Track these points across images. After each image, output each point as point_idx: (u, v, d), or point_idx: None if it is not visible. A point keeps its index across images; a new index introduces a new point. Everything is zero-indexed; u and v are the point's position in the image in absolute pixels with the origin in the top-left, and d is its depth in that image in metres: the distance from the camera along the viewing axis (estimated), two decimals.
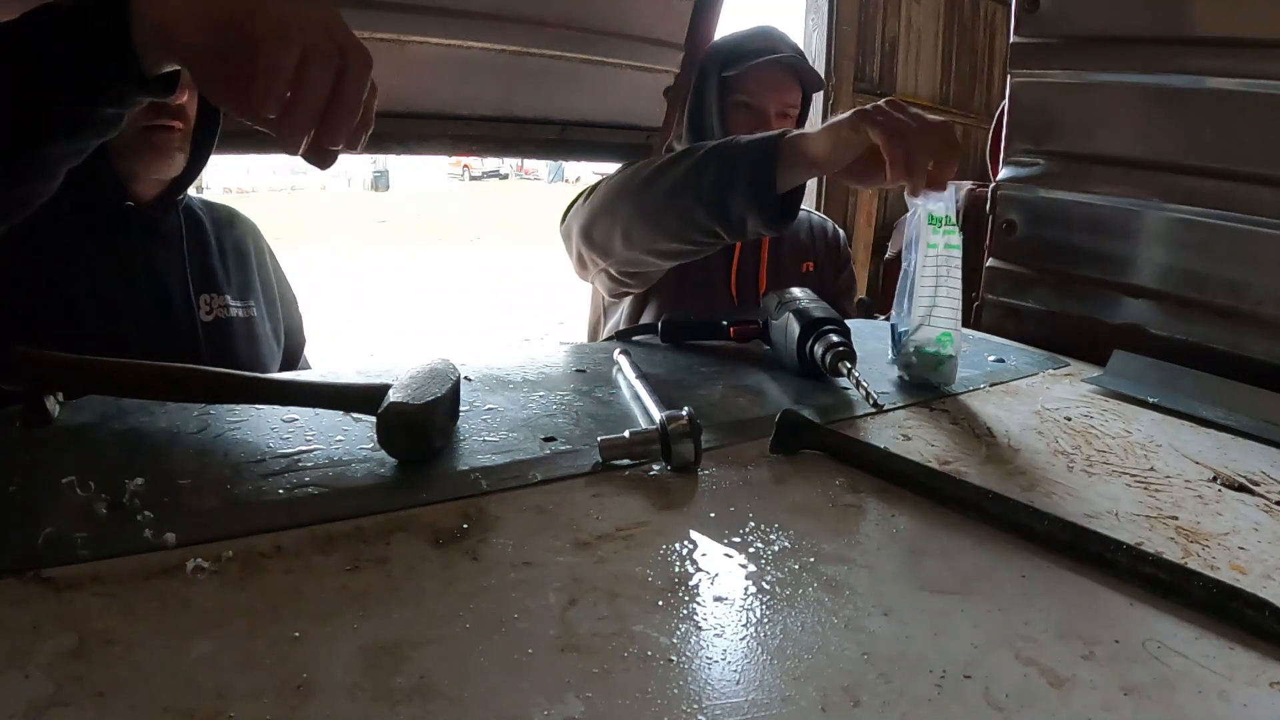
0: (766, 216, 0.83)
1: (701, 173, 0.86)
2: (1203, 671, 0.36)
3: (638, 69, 1.85)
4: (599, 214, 1.00)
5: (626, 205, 0.96)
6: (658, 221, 0.92)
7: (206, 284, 0.94)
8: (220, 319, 0.94)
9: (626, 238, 0.96)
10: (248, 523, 0.46)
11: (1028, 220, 1.03)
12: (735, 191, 0.83)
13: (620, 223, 0.97)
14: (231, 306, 0.96)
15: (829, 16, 3.34)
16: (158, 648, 0.35)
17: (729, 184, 0.83)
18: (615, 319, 1.27)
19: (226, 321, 0.95)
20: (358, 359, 1.01)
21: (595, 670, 0.35)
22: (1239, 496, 0.57)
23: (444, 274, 8.92)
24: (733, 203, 0.83)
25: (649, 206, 0.92)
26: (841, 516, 0.51)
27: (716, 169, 0.85)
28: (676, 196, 0.88)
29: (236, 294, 0.97)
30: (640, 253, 0.97)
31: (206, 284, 0.94)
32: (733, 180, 0.83)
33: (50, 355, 0.58)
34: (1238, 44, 0.82)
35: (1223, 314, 0.86)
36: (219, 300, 0.95)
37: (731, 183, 0.83)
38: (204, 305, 0.93)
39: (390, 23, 1.53)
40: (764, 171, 0.81)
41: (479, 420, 0.64)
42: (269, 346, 1.01)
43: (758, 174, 0.81)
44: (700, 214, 0.86)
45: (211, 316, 0.93)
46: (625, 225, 0.96)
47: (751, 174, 0.82)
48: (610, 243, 0.99)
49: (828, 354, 0.72)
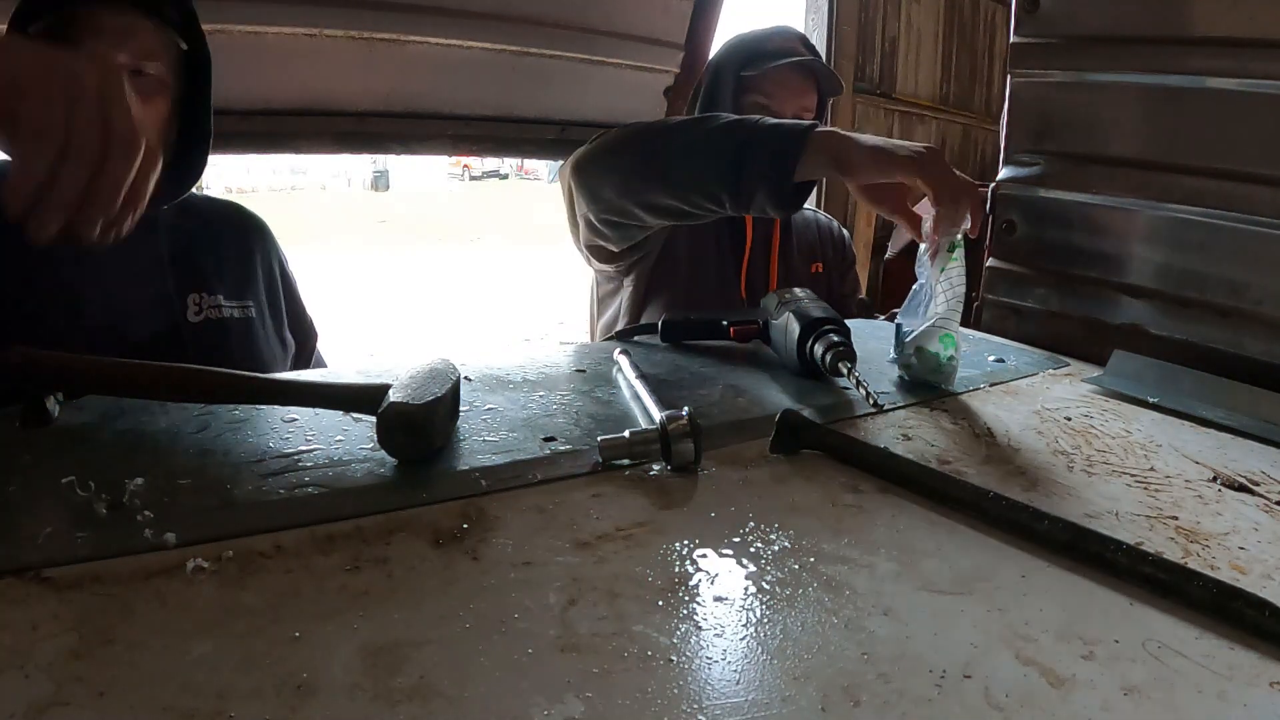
0: (777, 199, 0.83)
1: (725, 138, 0.85)
2: (1203, 671, 0.36)
3: (638, 69, 1.85)
4: (602, 152, 0.97)
5: (634, 150, 0.95)
6: (665, 173, 0.90)
7: (196, 283, 0.92)
8: (211, 319, 0.91)
9: (624, 183, 0.94)
10: (248, 523, 0.46)
11: (1028, 220, 1.03)
12: (754, 165, 0.82)
13: (622, 166, 0.95)
14: (225, 306, 0.93)
15: (829, 16, 3.33)
16: (158, 648, 0.35)
17: (750, 156, 0.82)
18: (614, 309, 1.26)
19: (219, 322, 0.92)
20: (358, 359, 1.01)
21: (595, 670, 0.35)
22: (1239, 496, 0.57)
23: (444, 274, 8.93)
24: (747, 175, 0.83)
25: (660, 157, 0.91)
26: (841, 516, 0.51)
27: (741, 139, 0.84)
28: (692, 154, 0.87)
29: (232, 293, 0.95)
30: (631, 203, 0.94)
31: (196, 283, 0.92)
32: (755, 154, 0.82)
33: (51, 355, 0.58)
34: (1238, 44, 0.82)
35: (1223, 314, 0.86)
36: (210, 300, 0.92)
37: (753, 156, 0.82)
38: (192, 305, 0.90)
39: (390, 23, 1.53)
40: (789, 156, 0.81)
41: (479, 420, 0.64)
42: (270, 347, 0.99)
43: (782, 156, 0.81)
44: (711, 177, 0.85)
45: (201, 317, 0.91)
46: (627, 170, 0.94)
47: (775, 154, 0.81)
48: (603, 184, 0.97)
49: (828, 354, 0.73)
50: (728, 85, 1.23)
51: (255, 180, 16.45)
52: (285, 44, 1.46)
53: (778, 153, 0.81)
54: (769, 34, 1.27)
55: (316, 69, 1.52)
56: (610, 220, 1.00)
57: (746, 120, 0.86)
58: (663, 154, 0.91)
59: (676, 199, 0.90)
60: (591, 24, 1.72)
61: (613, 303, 1.26)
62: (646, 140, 0.94)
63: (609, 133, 0.99)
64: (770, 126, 0.84)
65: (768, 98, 1.22)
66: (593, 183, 0.98)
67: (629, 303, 1.23)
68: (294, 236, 9.50)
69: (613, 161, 0.96)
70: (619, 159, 0.95)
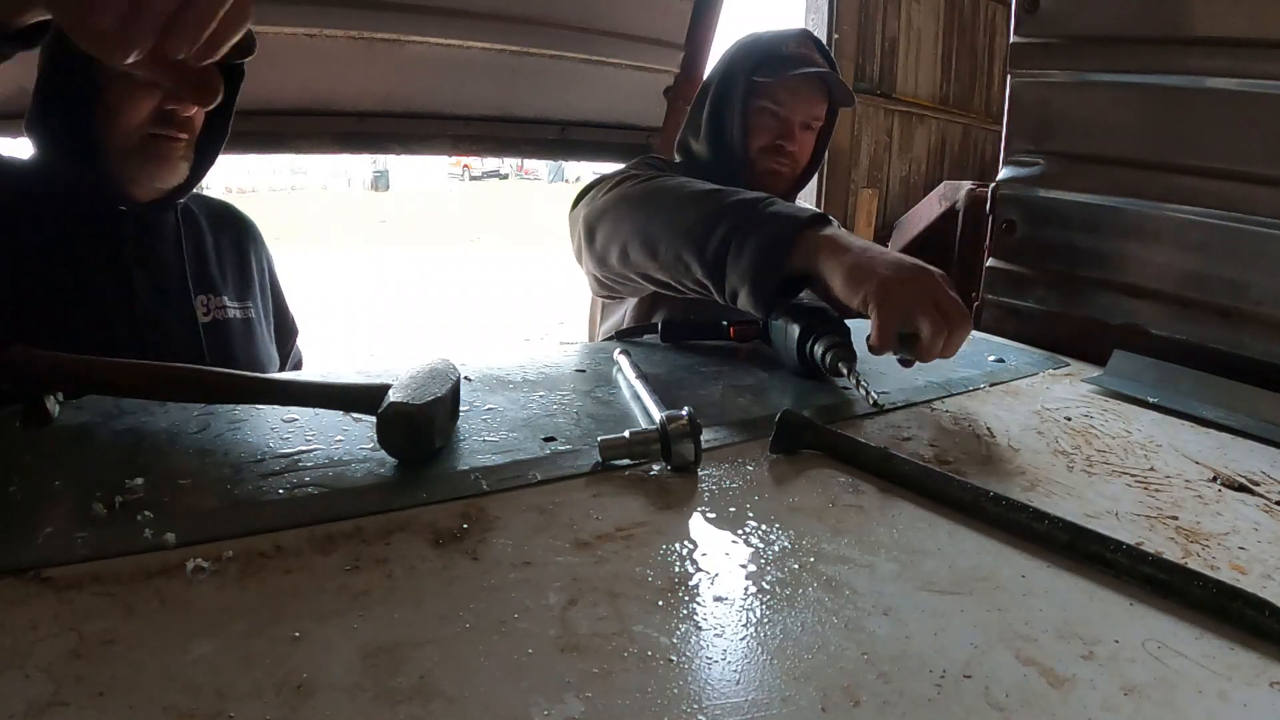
0: (758, 299, 0.78)
1: (712, 228, 0.81)
2: (1203, 671, 0.36)
3: (638, 69, 1.85)
4: (602, 219, 0.97)
5: (630, 224, 0.93)
6: (654, 254, 0.88)
7: (204, 285, 0.93)
8: (218, 320, 0.93)
9: (624, 255, 0.94)
10: (248, 523, 0.46)
11: (1028, 220, 1.03)
12: (738, 262, 0.78)
13: (620, 238, 0.94)
14: (229, 307, 0.94)
15: (829, 16, 3.34)
16: (158, 648, 0.35)
17: (735, 251, 0.79)
18: (618, 315, 1.26)
19: (225, 323, 0.93)
20: (358, 359, 1.00)
21: (595, 670, 0.35)
22: (1239, 496, 0.57)
23: (444, 274, 8.93)
24: (732, 272, 0.80)
25: (652, 236, 0.89)
26: (841, 516, 0.51)
27: (727, 229, 0.80)
28: (680, 239, 0.85)
29: (235, 295, 0.96)
30: (633, 273, 0.94)
31: (204, 285, 0.93)
32: (740, 250, 0.78)
33: (50, 355, 0.58)
34: (1237, 44, 0.82)
35: (1223, 314, 0.86)
36: (216, 301, 0.93)
37: (738, 251, 0.78)
38: (201, 307, 0.91)
39: (390, 23, 1.54)
40: (774, 255, 0.77)
41: (479, 420, 0.64)
42: (266, 347, 1.00)
43: (767, 255, 0.77)
44: (696, 268, 0.83)
45: (209, 318, 0.92)
46: (624, 243, 0.93)
47: (760, 252, 0.77)
48: (607, 253, 0.97)
49: (828, 354, 0.73)
50: (738, 87, 1.20)
51: (255, 180, 16.48)
52: (285, 44, 1.46)
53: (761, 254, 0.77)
54: (784, 37, 1.24)
55: (316, 69, 1.52)
56: (617, 281, 1.01)
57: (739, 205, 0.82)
58: (654, 233, 0.89)
59: (670, 278, 0.89)
60: (591, 24, 1.72)
61: (617, 311, 1.26)
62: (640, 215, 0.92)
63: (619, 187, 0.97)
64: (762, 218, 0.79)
65: (778, 104, 1.20)
66: (599, 248, 0.98)
67: (634, 312, 1.22)
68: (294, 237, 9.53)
69: (616, 230, 0.95)
70: (618, 229, 0.94)
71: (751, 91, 1.20)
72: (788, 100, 1.20)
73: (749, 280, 0.78)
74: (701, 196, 0.87)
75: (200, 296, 0.92)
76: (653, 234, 0.89)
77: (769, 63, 1.20)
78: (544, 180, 19.80)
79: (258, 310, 0.99)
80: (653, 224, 0.89)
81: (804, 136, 1.22)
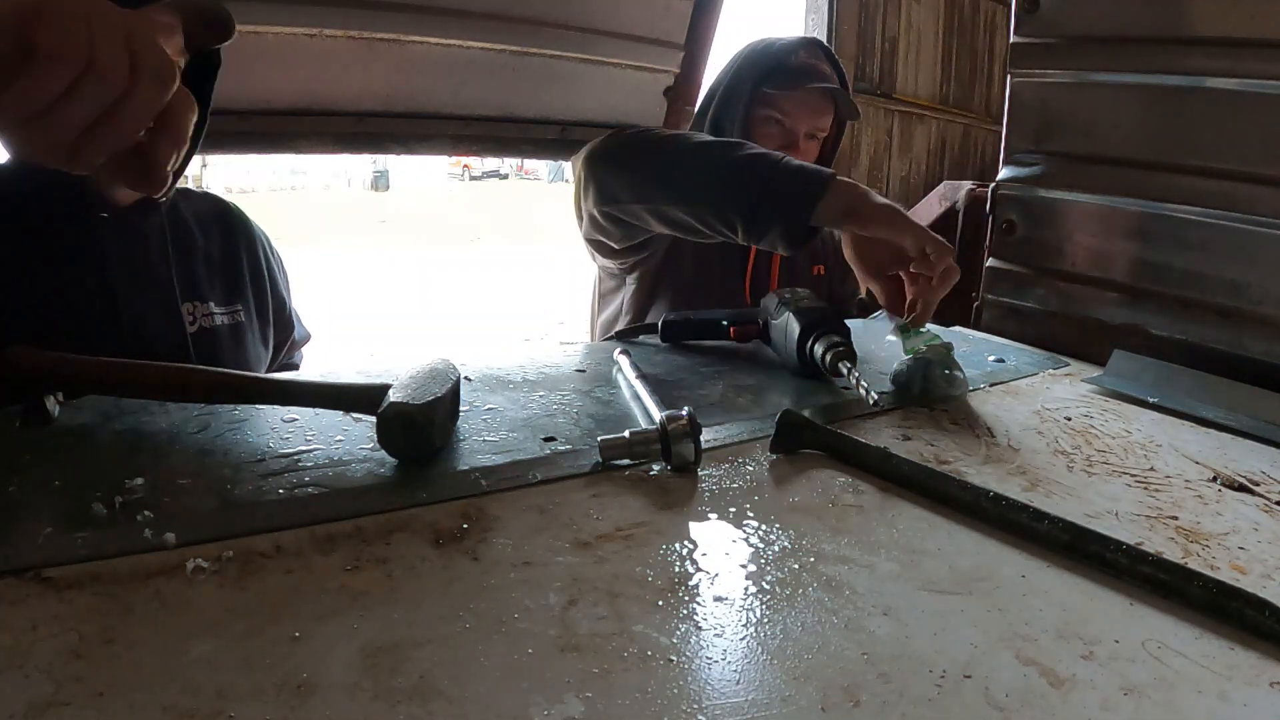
0: (788, 238, 0.84)
1: (750, 170, 0.86)
2: (1203, 671, 0.36)
3: (638, 69, 1.85)
4: (621, 149, 0.97)
5: (655, 156, 0.94)
6: (683, 188, 0.91)
7: (191, 292, 0.89)
8: (204, 329, 0.89)
9: (638, 186, 0.94)
10: (248, 523, 0.46)
11: (1028, 220, 1.03)
12: (775, 202, 0.83)
13: (640, 168, 0.94)
14: (216, 314, 0.90)
15: (829, 16, 3.34)
16: (158, 648, 0.35)
17: (772, 192, 0.83)
18: (615, 306, 1.25)
19: (211, 330, 0.89)
20: (358, 359, 1.01)
21: (595, 670, 0.35)
22: (1239, 496, 0.57)
23: (444, 274, 8.93)
24: (765, 211, 0.83)
25: (681, 170, 0.91)
26: (841, 516, 0.51)
27: (765, 174, 0.84)
28: (714, 176, 0.88)
29: (222, 300, 0.92)
30: (642, 207, 0.94)
31: (191, 292, 0.89)
32: (777, 191, 0.83)
33: (50, 355, 0.58)
34: (1237, 44, 0.82)
35: (1223, 314, 0.86)
36: (204, 309, 0.89)
37: (775, 193, 0.83)
38: (188, 315, 0.87)
39: (390, 23, 1.53)
40: (809, 199, 0.82)
41: (479, 420, 0.64)
42: (255, 351, 0.96)
43: (802, 199, 0.82)
44: (730, 204, 0.86)
45: (195, 327, 0.88)
46: (644, 174, 0.94)
47: (796, 195, 0.82)
48: (616, 182, 0.96)
49: (828, 354, 0.73)
50: (742, 95, 1.20)
51: (255, 180, 16.46)
52: (285, 44, 1.46)
53: (799, 194, 0.82)
54: (793, 47, 1.23)
55: (316, 69, 1.52)
56: (614, 217, 1.00)
57: (771, 156, 0.87)
58: (685, 168, 0.91)
59: (690, 215, 0.90)
60: (591, 24, 1.71)
61: (614, 300, 1.26)
62: (669, 150, 0.94)
63: (629, 132, 0.98)
64: (795, 169, 0.84)
65: (784, 115, 1.20)
66: (605, 178, 0.97)
67: (631, 301, 1.22)
68: (294, 237, 9.53)
69: (631, 161, 0.95)
70: (638, 160, 0.95)
71: (756, 99, 1.20)
72: (794, 111, 1.20)
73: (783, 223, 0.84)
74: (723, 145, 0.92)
75: (187, 304, 0.88)
76: (677, 169, 0.92)
77: (777, 73, 1.20)
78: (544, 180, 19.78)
79: (248, 311, 0.96)
80: (676, 160, 0.93)
81: (808, 146, 1.23)
